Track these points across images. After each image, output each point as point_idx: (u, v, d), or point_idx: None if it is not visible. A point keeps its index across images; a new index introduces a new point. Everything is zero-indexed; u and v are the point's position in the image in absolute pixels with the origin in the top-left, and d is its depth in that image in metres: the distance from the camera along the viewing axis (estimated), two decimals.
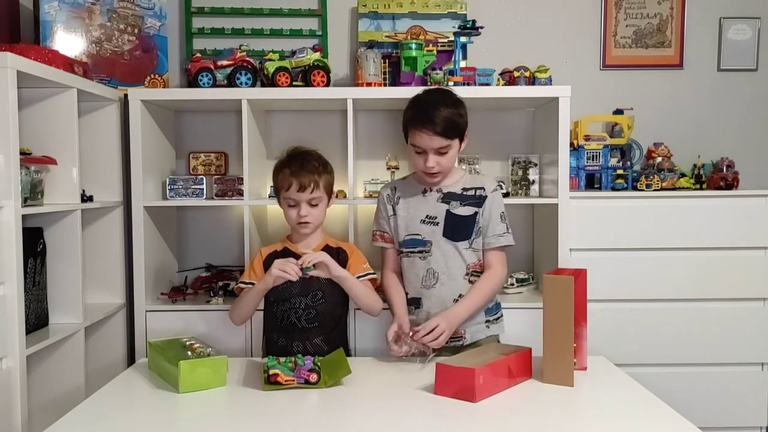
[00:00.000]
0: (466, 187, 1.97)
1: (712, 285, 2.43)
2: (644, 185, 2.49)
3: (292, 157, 1.93)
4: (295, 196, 1.87)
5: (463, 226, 1.94)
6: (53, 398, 2.14)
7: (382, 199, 2.05)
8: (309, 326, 1.84)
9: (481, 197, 1.96)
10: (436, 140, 1.82)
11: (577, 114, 2.56)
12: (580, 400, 1.55)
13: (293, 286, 1.85)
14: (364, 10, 2.69)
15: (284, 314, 1.86)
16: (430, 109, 1.82)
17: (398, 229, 1.99)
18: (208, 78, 2.41)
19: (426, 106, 1.85)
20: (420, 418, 1.42)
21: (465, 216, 1.94)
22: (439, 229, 1.93)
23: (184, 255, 2.78)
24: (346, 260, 1.96)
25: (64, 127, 2.13)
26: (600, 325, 2.37)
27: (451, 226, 1.93)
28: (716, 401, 2.45)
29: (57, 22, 2.50)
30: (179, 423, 1.44)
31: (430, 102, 1.86)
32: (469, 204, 1.95)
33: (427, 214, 1.95)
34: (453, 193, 1.96)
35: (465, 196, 1.96)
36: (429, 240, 1.94)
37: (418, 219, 1.95)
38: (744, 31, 2.82)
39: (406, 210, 1.98)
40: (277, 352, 1.80)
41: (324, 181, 1.91)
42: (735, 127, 2.85)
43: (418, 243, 1.95)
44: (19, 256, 1.81)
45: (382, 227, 2.04)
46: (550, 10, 2.82)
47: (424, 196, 1.97)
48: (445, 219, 1.93)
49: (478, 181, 2.00)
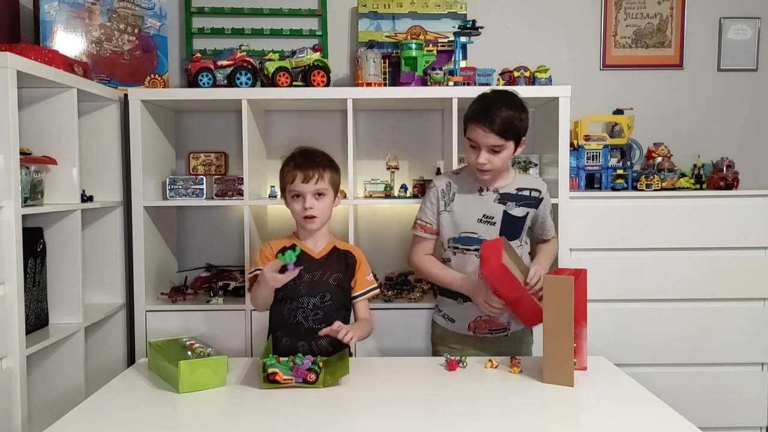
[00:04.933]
0: (520, 187, 2.00)
1: (712, 285, 2.43)
2: (644, 185, 2.49)
3: (297, 152, 1.91)
4: (299, 187, 1.83)
5: (517, 226, 1.99)
6: (53, 398, 2.14)
7: (435, 192, 2.02)
8: (316, 327, 1.83)
9: (536, 199, 2.01)
10: (492, 138, 1.85)
11: (577, 114, 2.56)
12: (580, 400, 1.55)
13: (302, 286, 1.84)
14: (364, 10, 2.69)
15: (291, 313, 1.85)
16: (491, 107, 1.86)
17: (451, 225, 1.99)
18: (208, 78, 2.41)
19: (489, 103, 1.88)
20: (419, 418, 1.42)
21: (519, 217, 1.98)
22: (495, 228, 1.96)
23: (184, 255, 2.78)
24: (354, 265, 1.93)
25: (64, 127, 2.13)
26: (600, 325, 2.38)
27: (507, 227, 1.97)
28: (716, 401, 2.45)
29: (57, 22, 2.50)
30: (179, 423, 1.44)
31: (493, 100, 1.89)
32: (524, 205, 1.99)
33: (484, 213, 1.97)
34: (509, 194, 1.98)
35: (520, 197, 1.99)
36: (485, 239, 1.94)
37: (475, 218, 1.97)
38: (744, 31, 2.82)
39: (461, 207, 1.98)
40: (279, 351, 1.79)
41: (329, 175, 1.87)
42: (735, 127, 2.85)
43: (474, 241, 1.96)
44: (19, 256, 1.81)
45: (429, 218, 2.03)
46: (550, 10, 2.82)
47: (481, 195, 1.98)
48: (502, 219, 1.96)
49: (531, 182, 2.04)
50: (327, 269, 1.88)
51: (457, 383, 1.65)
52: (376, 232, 2.75)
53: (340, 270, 1.89)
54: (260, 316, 2.39)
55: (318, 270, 1.86)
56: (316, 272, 1.86)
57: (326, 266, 1.88)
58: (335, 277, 1.88)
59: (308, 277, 1.84)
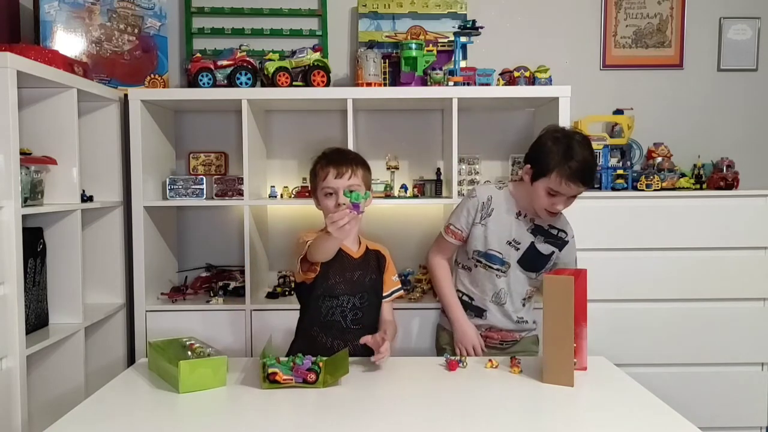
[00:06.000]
0: (552, 224, 1.99)
1: (712, 285, 2.43)
2: (644, 185, 2.49)
3: (328, 151, 1.89)
4: (332, 183, 1.79)
5: (539, 261, 1.98)
6: (53, 398, 2.14)
7: (474, 202, 1.99)
8: (353, 327, 1.82)
9: (562, 240, 2.00)
10: (580, 191, 1.85)
11: (577, 114, 2.56)
12: (580, 400, 1.55)
13: (342, 284, 1.82)
14: (364, 10, 2.69)
15: (329, 311, 1.82)
16: (588, 168, 1.82)
17: (482, 238, 1.97)
18: (208, 78, 2.41)
19: (585, 161, 1.81)
20: (419, 418, 1.42)
21: (544, 254, 1.98)
22: (517, 254, 1.96)
23: (184, 255, 2.78)
24: (384, 264, 1.93)
25: (64, 127, 2.13)
26: (600, 325, 2.37)
27: (528, 258, 1.97)
28: (716, 401, 2.45)
29: (57, 22, 2.50)
30: (179, 423, 1.44)
31: (588, 158, 1.83)
32: (550, 242, 1.98)
33: (514, 237, 1.96)
34: (541, 228, 1.98)
35: (549, 234, 1.98)
36: (507, 261, 1.96)
37: (505, 239, 1.96)
38: (744, 31, 2.82)
39: (496, 225, 1.97)
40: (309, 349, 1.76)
41: (362, 172, 1.84)
42: (735, 127, 2.85)
43: (497, 260, 1.96)
44: (19, 256, 1.81)
45: (461, 226, 2.00)
46: (550, 10, 2.82)
47: (517, 220, 1.97)
48: (527, 249, 1.96)
49: (563, 224, 2.02)
50: (365, 270, 1.86)
51: (457, 383, 1.65)
52: (376, 232, 2.75)
53: (375, 271, 1.89)
54: (260, 316, 2.39)
55: (357, 270, 1.85)
56: (355, 272, 1.84)
57: (364, 266, 1.87)
58: (370, 278, 1.87)
59: (348, 276, 1.83)
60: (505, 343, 2.04)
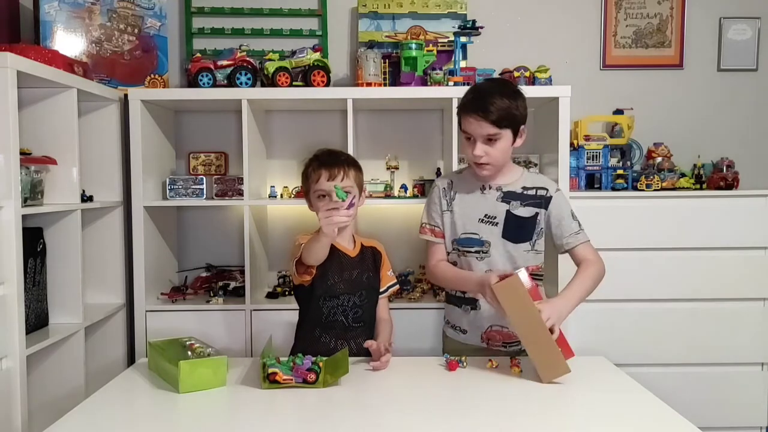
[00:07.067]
0: (526, 186, 1.88)
1: (712, 285, 2.43)
2: (644, 185, 2.49)
3: (320, 153, 1.89)
4: (325, 186, 1.80)
5: (523, 227, 1.86)
6: (53, 398, 2.14)
7: (436, 192, 1.94)
8: (355, 325, 1.83)
9: (543, 198, 1.88)
10: (486, 127, 1.74)
11: (577, 114, 2.56)
12: (580, 400, 1.55)
13: (341, 283, 1.83)
14: (364, 10, 2.69)
15: (331, 311, 1.83)
16: (485, 96, 1.76)
17: (453, 226, 1.90)
18: (208, 78, 2.41)
19: (482, 93, 1.79)
20: (419, 418, 1.42)
21: (526, 217, 1.86)
22: (498, 229, 1.85)
23: (184, 255, 2.78)
24: (380, 260, 1.93)
25: (64, 127, 2.13)
26: (600, 325, 2.38)
27: (511, 227, 1.85)
28: (716, 401, 2.45)
29: (57, 22, 2.50)
30: (179, 423, 1.43)
31: (486, 89, 1.79)
32: (530, 204, 1.87)
33: (486, 213, 1.86)
34: (513, 192, 1.87)
35: (526, 196, 1.87)
36: (487, 240, 1.85)
37: (476, 218, 1.87)
38: (744, 31, 2.82)
39: (462, 207, 1.89)
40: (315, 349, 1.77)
41: (354, 173, 1.85)
42: (735, 127, 2.85)
43: (475, 242, 1.86)
44: (19, 256, 1.81)
45: (434, 221, 1.93)
46: (550, 10, 2.82)
47: (483, 194, 1.88)
48: (505, 219, 1.85)
49: (539, 181, 1.91)
50: (362, 268, 1.87)
51: (457, 383, 1.65)
52: (376, 233, 2.75)
53: (371, 269, 1.90)
54: (260, 316, 2.39)
55: (355, 269, 1.86)
56: (353, 271, 1.85)
57: (361, 265, 1.87)
58: (368, 276, 1.88)
59: (347, 276, 1.84)
60: (509, 345, 1.90)
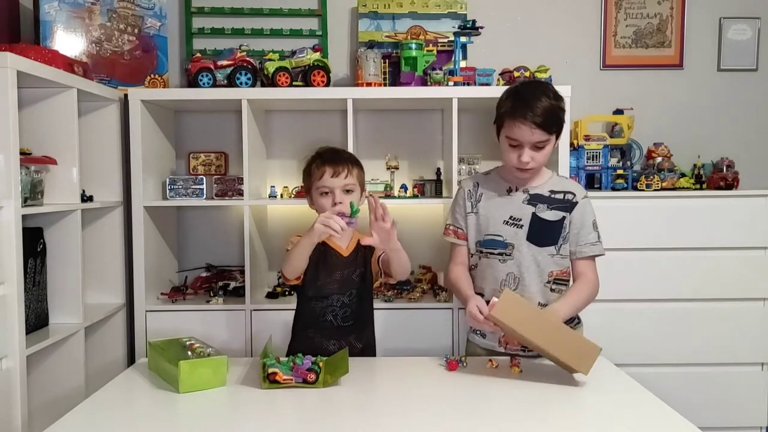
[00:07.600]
0: (554, 189, 1.85)
1: (712, 285, 2.43)
2: (644, 185, 2.49)
3: (322, 150, 1.89)
4: (329, 183, 1.79)
5: (549, 231, 1.82)
6: (53, 398, 2.14)
7: (462, 193, 1.92)
8: (344, 325, 1.83)
9: (570, 202, 1.84)
10: (537, 133, 1.71)
11: (577, 114, 2.56)
12: (581, 400, 1.55)
13: (331, 284, 1.83)
14: (364, 10, 2.69)
15: (322, 311, 1.84)
16: (531, 101, 1.71)
17: (478, 227, 1.87)
18: (208, 78, 2.41)
19: (527, 97, 1.73)
20: (419, 418, 1.42)
21: (552, 221, 1.82)
22: (523, 232, 1.81)
23: (184, 255, 2.78)
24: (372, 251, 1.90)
25: (64, 127, 2.13)
26: (600, 325, 2.37)
27: (536, 230, 1.81)
28: (716, 401, 2.45)
29: (57, 22, 2.50)
30: (179, 423, 1.43)
31: (531, 93, 1.74)
32: (557, 208, 1.83)
33: (511, 215, 1.83)
34: (540, 195, 1.83)
35: (553, 200, 1.83)
36: (511, 242, 1.82)
37: (501, 219, 1.83)
38: (744, 31, 2.82)
39: (487, 208, 1.86)
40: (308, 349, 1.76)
41: (356, 171, 1.84)
42: (735, 127, 2.85)
43: (499, 244, 1.83)
44: (19, 256, 1.81)
45: (458, 223, 1.91)
46: (550, 10, 2.82)
47: (509, 196, 1.85)
48: (530, 222, 1.82)
49: (567, 185, 1.88)
50: (353, 266, 1.87)
51: (457, 383, 1.65)
52: None
53: (362, 265, 1.88)
54: (260, 316, 2.39)
55: (346, 268, 1.85)
56: (344, 270, 1.85)
57: (352, 263, 1.87)
58: (358, 273, 1.87)
59: (338, 276, 1.84)
60: (527, 349, 1.83)
